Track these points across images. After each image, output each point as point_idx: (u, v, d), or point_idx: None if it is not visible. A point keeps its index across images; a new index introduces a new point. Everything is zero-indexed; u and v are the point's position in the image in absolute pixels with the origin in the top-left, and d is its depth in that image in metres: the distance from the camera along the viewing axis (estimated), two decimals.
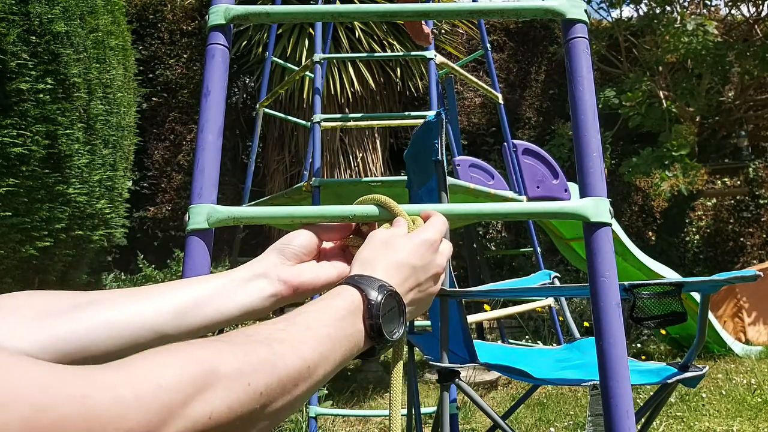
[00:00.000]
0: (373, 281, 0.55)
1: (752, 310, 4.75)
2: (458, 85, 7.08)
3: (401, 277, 0.58)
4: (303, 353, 0.45)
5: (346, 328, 0.51)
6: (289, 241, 0.65)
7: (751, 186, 6.91)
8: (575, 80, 0.71)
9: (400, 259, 0.59)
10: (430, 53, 2.58)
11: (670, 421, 2.60)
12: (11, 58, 2.26)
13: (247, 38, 5.61)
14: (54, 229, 2.72)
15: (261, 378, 0.41)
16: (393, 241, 0.61)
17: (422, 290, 0.61)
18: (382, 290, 0.54)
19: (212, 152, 0.69)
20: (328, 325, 0.50)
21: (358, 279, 0.55)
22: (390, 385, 0.61)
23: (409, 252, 0.60)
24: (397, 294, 0.56)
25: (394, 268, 0.58)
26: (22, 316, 0.50)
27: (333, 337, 0.49)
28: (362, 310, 0.53)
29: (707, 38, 5.64)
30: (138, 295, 0.56)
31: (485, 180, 3.15)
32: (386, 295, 0.54)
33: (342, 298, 0.53)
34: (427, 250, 0.61)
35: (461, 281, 5.68)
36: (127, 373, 0.34)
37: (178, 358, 0.37)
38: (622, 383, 0.64)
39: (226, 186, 6.11)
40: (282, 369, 0.43)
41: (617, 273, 0.67)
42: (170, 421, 0.34)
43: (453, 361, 1.24)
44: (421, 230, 0.63)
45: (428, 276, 0.61)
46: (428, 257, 0.61)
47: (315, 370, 0.46)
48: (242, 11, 0.73)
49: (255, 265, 0.63)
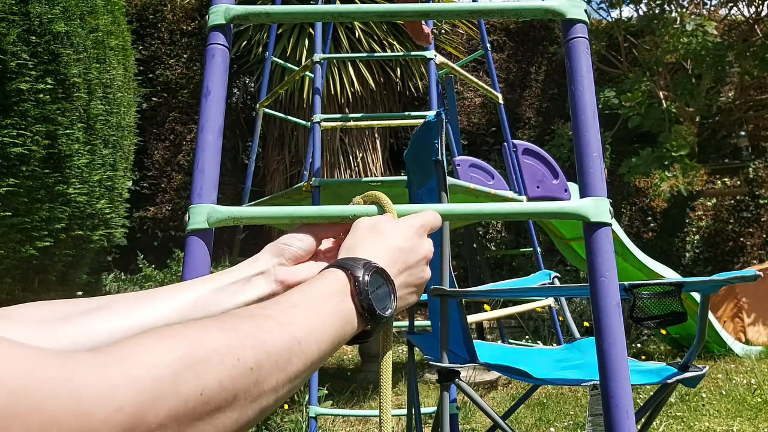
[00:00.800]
0: (358, 260, 0.54)
1: (752, 310, 4.75)
2: (458, 85, 7.08)
3: (389, 259, 0.57)
4: (290, 328, 0.45)
5: (336, 305, 0.51)
6: (288, 242, 0.65)
7: (751, 186, 6.91)
8: (575, 80, 0.71)
9: (387, 242, 0.59)
10: (430, 53, 2.58)
11: (670, 421, 2.60)
12: (11, 58, 2.26)
13: (247, 38, 5.61)
14: (54, 229, 2.72)
15: (249, 353, 0.40)
16: (378, 225, 0.61)
17: (413, 274, 0.60)
18: (368, 267, 0.53)
19: (212, 152, 0.69)
20: (314, 303, 0.49)
21: (343, 261, 0.55)
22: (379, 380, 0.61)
23: (395, 235, 0.60)
24: (384, 271, 0.55)
25: (381, 251, 0.58)
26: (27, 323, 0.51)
27: (322, 314, 0.49)
28: (349, 288, 0.52)
29: (707, 38, 5.64)
30: (142, 300, 0.57)
31: (485, 180, 3.15)
32: (373, 272, 0.53)
33: (327, 278, 0.53)
34: (414, 233, 0.61)
35: (461, 281, 5.68)
36: (115, 354, 0.34)
37: (164, 338, 0.37)
38: (622, 383, 0.64)
39: (226, 186, 6.11)
40: (270, 344, 0.42)
41: (617, 273, 0.67)
42: (162, 400, 0.33)
43: (453, 361, 1.24)
44: (409, 216, 0.63)
45: (418, 258, 0.60)
46: (415, 240, 0.61)
47: (307, 346, 0.46)
48: (242, 11, 0.73)
49: (254, 264, 0.64)
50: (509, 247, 6.73)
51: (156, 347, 0.36)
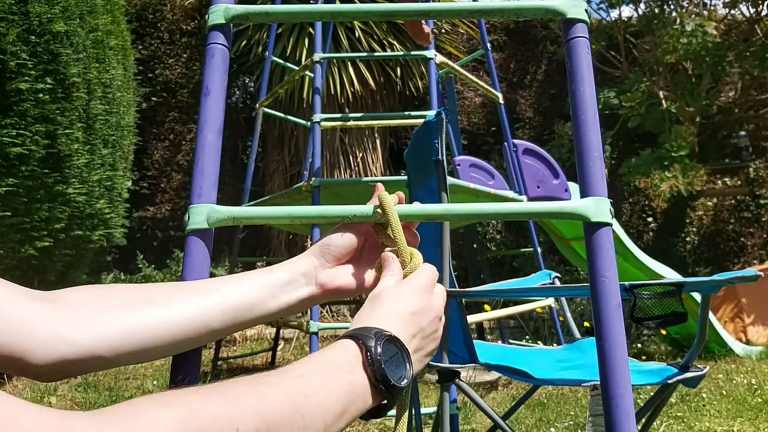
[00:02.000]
0: (369, 329, 0.52)
1: (752, 310, 4.75)
2: (458, 84, 7.08)
3: (400, 326, 0.55)
4: (294, 399, 0.44)
5: (344, 377, 0.48)
6: (328, 243, 0.65)
7: (751, 186, 6.91)
8: (575, 80, 0.71)
9: (397, 308, 0.57)
10: (430, 53, 2.58)
11: (671, 422, 2.60)
12: (11, 58, 2.26)
13: (247, 38, 5.60)
14: (53, 229, 2.72)
15: (250, 424, 0.40)
16: (385, 294, 0.59)
17: (427, 335, 0.58)
18: (379, 336, 0.51)
19: (212, 152, 0.69)
20: (322, 374, 0.47)
21: (354, 331, 0.53)
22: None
23: (404, 300, 0.58)
24: (398, 339, 0.53)
25: (392, 318, 0.56)
26: (79, 310, 0.52)
27: (329, 386, 0.47)
28: (361, 359, 0.50)
29: (706, 39, 5.64)
30: (187, 293, 0.57)
31: (485, 180, 3.15)
32: (385, 340, 0.51)
33: (337, 349, 0.51)
34: (422, 293, 0.59)
35: (461, 281, 5.67)
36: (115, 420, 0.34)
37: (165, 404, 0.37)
38: (622, 384, 0.64)
39: (226, 186, 6.11)
40: (271, 415, 0.41)
41: (618, 273, 0.67)
42: None
43: (453, 361, 1.24)
44: (411, 277, 0.62)
45: (431, 318, 0.59)
46: (425, 299, 0.59)
47: (311, 420, 0.44)
48: (242, 11, 0.72)
49: (296, 264, 0.64)
50: (509, 247, 6.73)
51: (157, 415, 0.36)
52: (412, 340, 0.56)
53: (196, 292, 0.58)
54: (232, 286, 0.60)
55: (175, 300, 0.56)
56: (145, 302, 0.55)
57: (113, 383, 3.12)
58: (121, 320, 0.52)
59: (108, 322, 0.52)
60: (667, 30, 5.82)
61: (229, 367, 3.97)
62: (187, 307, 0.56)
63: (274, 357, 3.97)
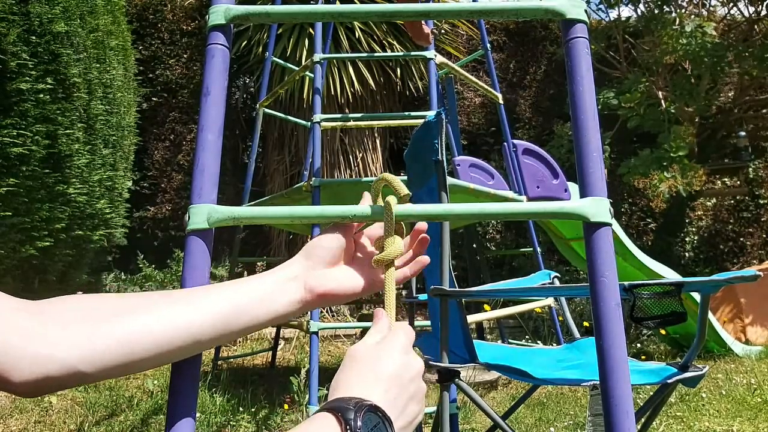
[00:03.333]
0: (348, 400, 0.50)
1: (752, 310, 4.75)
2: (458, 85, 7.08)
3: (381, 389, 0.54)
4: None
5: None
6: (316, 244, 0.64)
7: (751, 186, 6.91)
8: (575, 80, 0.71)
9: (376, 372, 0.55)
10: (430, 53, 2.58)
11: (670, 421, 2.60)
12: (11, 58, 2.26)
13: (247, 38, 5.61)
14: (54, 229, 2.72)
15: None
16: (363, 353, 0.57)
17: (410, 394, 0.57)
18: (359, 407, 0.49)
19: (212, 152, 0.69)
20: None
21: (332, 402, 0.51)
22: None
23: (384, 361, 0.56)
24: (378, 408, 0.51)
25: (371, 383, 0.54)
26: (65, 324, 0.51)
27: None
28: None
29: (705, 39, 5.64)
30: (177, 303, 0.56)
31: (485, 180, 3.15)
32: (365, 411, 0.49)
33: (315, 424, 0.49)
34: (402, 352, 0.58)
35: (461, 281, 5.68)
36: None
37: None
38: (622, 383, 0.64)
39: (226, 186, 6.11)
40: None
41: (617, 273, 0.67)
42: None
43: (453, 361, 1.24)
44: (390, 338, 0.59)
45: (411, 377, 0.57)
46: (405, 359, 0.58)
47: None
48: (242, 11, 0.73)
49: (288, 268, 0.63)
50: (509, 247, 6.73)
51: None
52: (395, 402, 0.54)
53: (186, 301, 0.57)
54: (218, 294, 0.58)
55: (161, 309, 0.55)
56: (130, 313, 0.54)
57: (114, 383, 3.12)
58: (107, 336, 0.51)
59: (93, 336, 0.51)
60: (666, 30, 5.82)
61: (230, 366, 3.97)
62: (172, 316, 0.55)
63: (275, 357, 3.97)
